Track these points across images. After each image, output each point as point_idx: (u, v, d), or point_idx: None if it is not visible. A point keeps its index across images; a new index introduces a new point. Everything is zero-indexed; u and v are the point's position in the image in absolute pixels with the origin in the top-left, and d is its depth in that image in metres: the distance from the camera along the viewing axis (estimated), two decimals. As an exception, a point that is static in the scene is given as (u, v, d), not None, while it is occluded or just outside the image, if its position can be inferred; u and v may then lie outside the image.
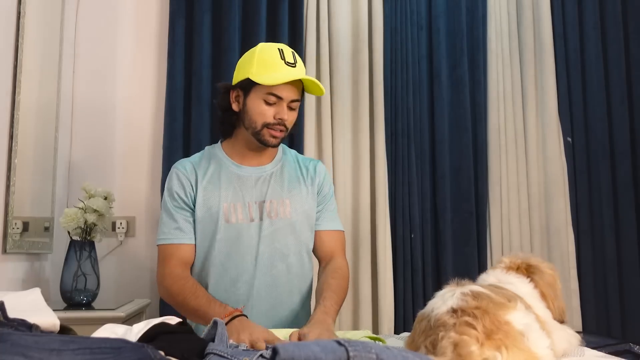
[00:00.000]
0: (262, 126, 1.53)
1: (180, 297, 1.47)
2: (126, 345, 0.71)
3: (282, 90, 1.51)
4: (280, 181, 1.61)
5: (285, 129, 1.56)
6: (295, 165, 1.67)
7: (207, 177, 1.59)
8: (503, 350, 0.82)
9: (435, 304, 0.94)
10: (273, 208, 1.57)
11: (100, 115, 2.44)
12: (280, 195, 1.59)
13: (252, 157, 1.62)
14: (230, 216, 1.55)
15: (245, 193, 1.57)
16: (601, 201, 2.62)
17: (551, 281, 1.06)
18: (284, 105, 1.52)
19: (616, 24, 2.72)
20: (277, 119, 1.52)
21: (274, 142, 1.56)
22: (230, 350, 0.82)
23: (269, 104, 1.52)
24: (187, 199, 1.57)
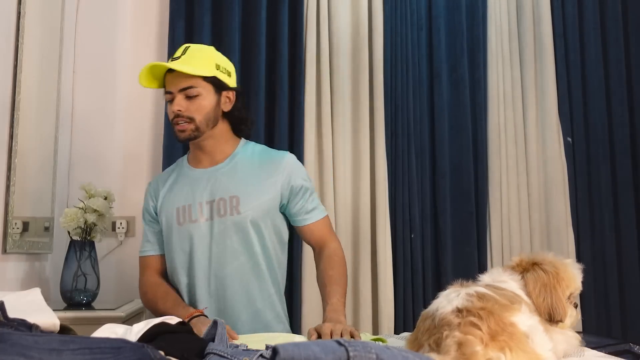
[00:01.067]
0: (172, 125, 1.59)
1: (153, 303, 1.60)
2: (126, 345, 0.71)
3: (169, 85, 1.58)
4: (231, 178, 1.60)
5: (189, 120, 1.55)
6: (253, 159, 1.64)
7: (167, 187, 1.67)
8: (507, 352, 0.82)
9: (440, 304, 0.94)
10: (222, 206, 1.57)
11: (100, 115, 2.44)
12: (230, 192, 1.57)
13: (203, 158, 1.65)
14: (181, 218, 1.59)
15: (197, 194, 1.60)
16: (601, 201, 2.62)
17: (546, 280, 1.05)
18: (176, 97, 1.55)
19: (616, 24, 2.72)
20: (172, 113, 1.56)
21: (183, 136, 1.57)
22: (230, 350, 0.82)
23: (170, 103, 1.57)
24: (151, 212, 1.68)
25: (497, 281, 1.06)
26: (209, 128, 1.59)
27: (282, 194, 1.61)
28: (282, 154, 1.67)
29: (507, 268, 1.11)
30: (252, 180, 1.60)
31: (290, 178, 1.62)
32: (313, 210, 1.65)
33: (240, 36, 2.44)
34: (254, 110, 2.40)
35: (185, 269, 1.60)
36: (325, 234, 1.66)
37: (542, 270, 1.06)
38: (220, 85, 1.60)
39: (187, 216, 1.59)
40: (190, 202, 1.59)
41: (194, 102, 1.56)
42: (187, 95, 1.55)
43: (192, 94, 1.55)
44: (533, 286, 1.04)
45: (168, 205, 1.62)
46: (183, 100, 1.55)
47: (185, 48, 1.59)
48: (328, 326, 1.32)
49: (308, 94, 2.45)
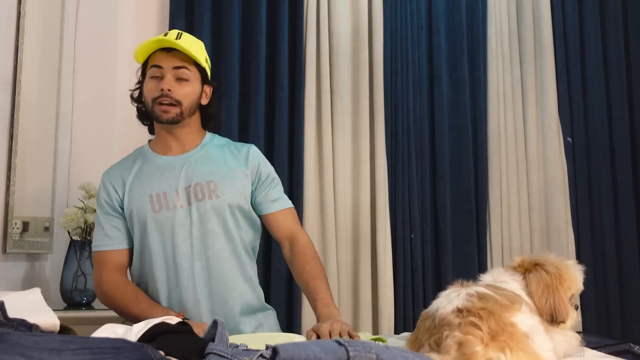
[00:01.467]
0: (152, 102, 1.54)
1: (122, 303, 1.52)
2: (126, 345, 0.71)
3: (161, 60, 1.53)
4: (206, 164, 1.60)
5: (176, 102, 1.53)
6: (224, 149, 1.66)
7: (133, 175, 1.60)
8: (507, 352, 0.82)
9: (440, 304, 0.94)
10: (200, 190, 1.56)
11: (101, 115, 2.44)
12: (207, 177, 1.57)
13: (174, 146, 1.62)
14: (156, 205, 1.55)
15: (171, 181, 1.57)
16: (601, 201, 2.62)
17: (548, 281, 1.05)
18: (167, 75, 1.52)
19: (616, 24, 2.72)
20: (159, 91, 1.52)
21: (167, 117, 1.54)
22: (230, 350, 0.82)
23: (155, 79, 1.54)
24: (113, 204, 1.59)
25: (498, 281, 1.06)
26: (189, 116, 1.59)
27: (252, 182, 1.62)
28: (249, 145, 1.70)
29: (509, 268, 1.11)
30: (226, 167, 1.60)
31: (259, 166, 1.64)
32: (279, 200, 1.65)
33: (240, 36, 2.44)
34: (253, 110, 2.40)
35: (163, 256, 1.55)
36: (292, 225, 1.65)
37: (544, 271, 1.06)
38: (205, 77, 1.62)
39: (163, 203, 1.55)
40: (164, 190, 1.56)
41: (184, 86, 1.55)
42: (178, 77, 1.54)
43: (184, 77, 1.54)
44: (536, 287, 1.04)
45: (138, 195, 1.57)
46: (173, 81, 1.53)
47: (179, 33, 1.57)
48: (326, 327, 1.31)
49: (308, 94, 2.45)
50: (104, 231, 1.58)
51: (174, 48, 1.54)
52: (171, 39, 1.54)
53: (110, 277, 1.55)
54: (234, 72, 2.40)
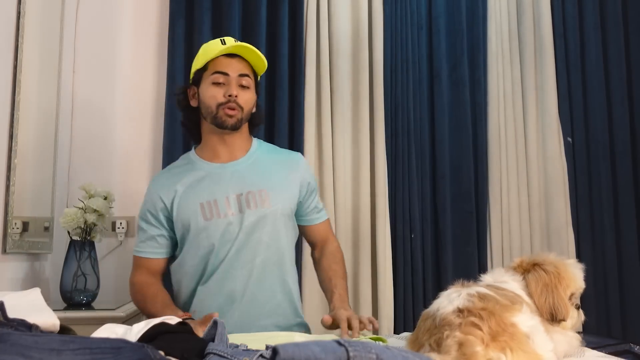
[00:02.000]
0: (216, 108, 1.56)
1: (142, 303, 1.60)
2: (126, 345, 0.71)
3: (226, 67, 1.57)
4: (257, 172, 1.62)
5: (239, 108, 1.57)
6: (272, 157, 1.69)
7: (183, 182, 1.61)
8: (508, 352, 0.82)
9: (441, 304, 0.94)
10: (252, 199, 1.58)
11: (100, 115, 2.44)
12: (258, 185, 1.59)
13: (223, 153, 1.64)
14: (207, 213, 1.57)
15: (221, 188, 1.59)
16: (601, 201, 2.62)
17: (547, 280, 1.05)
18: (232, 82, 1.56)
19: (616, 24, 2.72)
20: (227, 97, 1.55)
21: (231, 122, 1.57)
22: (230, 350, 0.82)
23: (218, 85, 1.57)
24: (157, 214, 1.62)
25: (498, 281, 1.06)
26: (244, 122, 1.63)
27: (300, 191, 1.66)
28: (295, 153, 1.76)
29: (509, 269, 1.11)
30: (277, 176, 1.63)
31: (307, 177, 1.69)
32: (322, 210, 1.75)
33: (240, 36, 2.44)
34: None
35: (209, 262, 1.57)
36: (329, 233, 1.76)
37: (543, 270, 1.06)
38: (257, 87, 1.67)
39: (215, 211, 1.56)
40: (215, 197, 1.57)
41: (246, 93, 1.59)
42: (241, 84, 1.58)
43: (246, 84, 1.59)
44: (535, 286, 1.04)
45: (188, 203, 1.58)
46: (237, 87, 1.57)
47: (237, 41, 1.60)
48: (343, 312, 1.38)
49: (308, 94, 2.45)
50: (147, 237, 1.63)
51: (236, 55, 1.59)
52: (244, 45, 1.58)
53: (140, 278, 1.62)
54: (234, 72, 2.40)
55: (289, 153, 1.74)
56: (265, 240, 1.58)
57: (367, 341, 0.75)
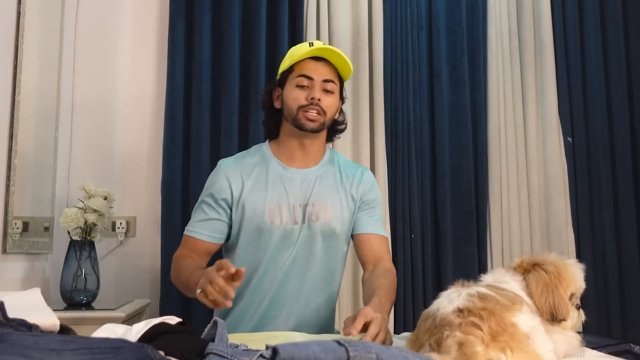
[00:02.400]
0: (297, 110, 1.55)
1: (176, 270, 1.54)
2: (126, 345, 0.71)
3: (311, 71, 1.54)
4: (325, 185, 1.60)
5: (321, 112, 1.55)
6: (340, 171, 1.66)
7: (253, 177, 1.59)
8: (508, 352, 0.82)
9: (441, 303, 0.94)
10: (314, 211, 1.56)
11: (100, 115, 2.44)
12: (324, 199, 1.58)
13: (298, 157, 1.62)
14: (275, 218, 1.54)
15: (290, 195, 1.57)
16: (601, 201, 2.62)
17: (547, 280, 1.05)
18: (316, 86, 1.54)
19: (616, 24, 2.72)
20: (309, 99, 1.53)
21: (312, 126, 1.55)
22: (230, 350, 0.82)
23: (302, 88, 1.55)
24: (222, 196, 1.57)
25: (498, 281, 1.06)
26: (325, 128, 1.61)
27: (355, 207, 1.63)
28: (362, 169, 1.70)
29: (509, 269, 1.11)
30: (341, 191, 1.61)
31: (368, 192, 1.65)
32: (378, 225, 1.64)
33: (240, 36, 2.44)
34: (253, 110, 2.40)
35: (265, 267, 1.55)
36: (384, 253, 1.61)
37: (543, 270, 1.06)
38: (342, 92, 1.64)
39: (280, 217, 1.55)
40: (283, 202, 1.56)
41: (329, 98, 1.57)
42: (325, 89, 1.56)
43: (330, 89, 1.57)
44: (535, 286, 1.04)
45: (256, 202, 1.55)
46: (321, 92, 1.55)
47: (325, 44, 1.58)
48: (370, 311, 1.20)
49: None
50: (200, 219, 1.59)
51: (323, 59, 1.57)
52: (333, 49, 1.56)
53: (183, 252, 1.57)
54: (234, 72, 2.40)
55: (355, 168, 1.69)
56: (320, 254, 1.57)
57: (368, 342, 0.75)
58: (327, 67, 1.57)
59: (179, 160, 2.36)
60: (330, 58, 1.57)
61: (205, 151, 2.37)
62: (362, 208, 1.64)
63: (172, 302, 2.26)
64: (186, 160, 2.38)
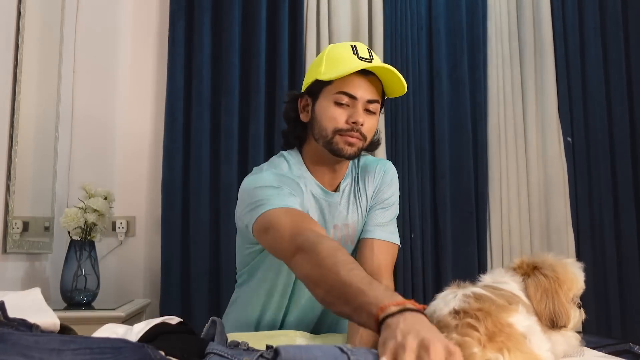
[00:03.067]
0: (333, 133, 1.30)
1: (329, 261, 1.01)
2: (126, 345, 0.71)
3: (356, 88, 1.28)
4: (345, 204, 1.41)
5: (362, 137, 1.31)
6: (359, 178, 1.45)
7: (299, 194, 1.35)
8: (505, 353, 0.82)
9: (437, 306, 0.93)
10: (339, 232, 1.39)
11: (101, 115, 2.44)
12: (344, 219, 1.40)
13: (328, 180, 1.40)
14: None
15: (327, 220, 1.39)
16: (601, 201, 2.62)
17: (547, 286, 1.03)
18: (359, 107, 1.29)
19: (616, 24, 2.72)
20: (350, 123, 1.28)
21: (350, 152, 1.31)
22: (231, 350, 0.82)
23: (340, 106, 1.29)
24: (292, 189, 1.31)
25: (497, 282, 1.05)
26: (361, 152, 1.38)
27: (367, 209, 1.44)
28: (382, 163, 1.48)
29: (509, 269, 1.10)
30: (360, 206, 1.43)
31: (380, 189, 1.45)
32: (388, 226, 1.42)
33: (240, 36, 2.44)
34: (253, 110, 2.40)
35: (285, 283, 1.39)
36: (385, 264, 1.38)
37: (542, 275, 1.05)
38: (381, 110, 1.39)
39: None
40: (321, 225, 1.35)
41: (371, 120, 1.32)
42: (368, 110, 1.31)
43: (373, 110, 1.32)
44: (534, 292, 1.03)
45: None
46: (364, 113, 1.30)
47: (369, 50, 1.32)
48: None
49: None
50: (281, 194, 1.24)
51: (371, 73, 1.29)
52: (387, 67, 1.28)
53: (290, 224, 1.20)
54: (234, 72, 2.40)
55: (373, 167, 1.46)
56: None
57: (371, 350, 0.75)
58: (374, 82, 1.31)
59: (179, 160, 2.36)
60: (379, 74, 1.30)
61: (205, 151, 2.37)
62: (374, 207, 1.44)
63: (172, 302, 2.26)
64: (186, 160, 2.38)
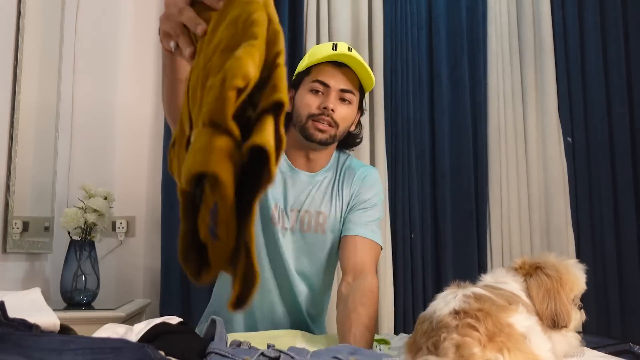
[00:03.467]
0: (307, 118, 1.40)
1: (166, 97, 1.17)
2: (126, 345, 0.71)
3: (329, 77, 1.39)
4: (321, 192, 1.47)
5: (333, 123, 1.39)
6: (342, 175, 1.51)
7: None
8: (505, 353, 0.82)
9: (437, 306, 0.93)
10: (307, 219, 1.44)
11: (101, 115, 2.44)
12: (317, 206, 1.45)
13: (303, 164, 1.48)
14: (275, 217, 1.43)
15: (289, 198, 1.45)
16: (601, 201, 2.62)
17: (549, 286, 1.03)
18: (332, 94, 1.39)
19: (616, 24, 2.72)
20: (321, 109, 1.38)
21: (320, 137, 1.39)
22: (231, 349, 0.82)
23: (315, 94, 1.40)
24: None
25: (498, 282, 1.05)
26: (337, 141, 1.47)
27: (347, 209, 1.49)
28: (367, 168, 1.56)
29: (510, 269, 1.10)
30: (338, 199, 1.48)
31: (360, 191, 1.49)
32: (367, 225, 1.46)
33: (240, 36, 2.44)
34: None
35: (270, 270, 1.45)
36: (368, 262, 1.41)
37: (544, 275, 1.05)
38: (361, 104, 1.49)
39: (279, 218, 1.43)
40: (283, 204, 1.44)
41: (345, 108, 1.41)
42: (343, 98, 1.41)
43: (348, 99, 1.41)
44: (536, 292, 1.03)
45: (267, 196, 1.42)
46: (337, 101, 1.40)
47: (350, 48, 1.43)
48: None
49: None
50: None
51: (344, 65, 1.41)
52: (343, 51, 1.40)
53: None
54: (234, 72, 2.40)
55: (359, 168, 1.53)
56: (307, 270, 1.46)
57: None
58: (348, 74, 1.41)
59: (179, 160, 2.36)
60: (352, 65, 1.41)
61: (205, 151, 2.37)
62: (355, 208, 1.48)
63: (172, 302, 2.26)
64: (186, 160, 2.38)
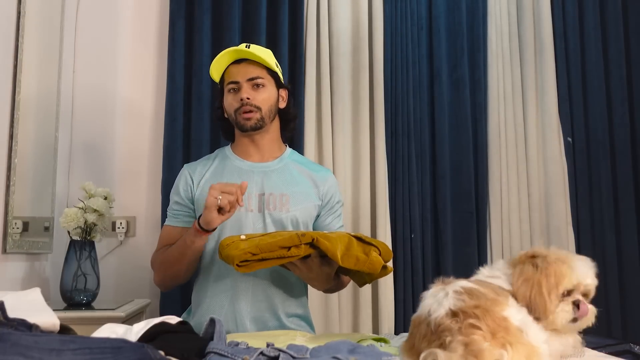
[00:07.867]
0: (234, 114, 1.64)
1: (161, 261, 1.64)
2: (126, 345, 0.71)
3: (235, 75, 1.64)
4: (282, 177, 1.66)
5: (255, 108, 1.62)
6: (301, 167, 1.72)
7: (210, 171, 1.68)
8: (508, 348, 0.82)
9: (430, 306, 0.91)
10: (272, 201, 1.62)
11: (101, 115, 2.44)
12: (281, 189, 1.63)
13: (254, 153, 1.70)
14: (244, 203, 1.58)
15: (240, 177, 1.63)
16: (601, 201, 2.62)
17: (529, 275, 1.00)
18: (243, 87, 1.62)
19: (616, 24, 2.72)
20: (239, 102, 1.62)
21: (250, 124, 1.63)
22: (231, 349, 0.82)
23: (232, 92, 1.65)
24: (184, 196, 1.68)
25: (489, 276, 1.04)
26: (270, 121, 1.67)
27: (320, 206, 1.69)
28: (326, 170, 1.80)
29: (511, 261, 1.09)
30: (301, 185, 1.67)
31: (331, 194, 1.71)
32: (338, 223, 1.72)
33: (240, 36, 2.44)
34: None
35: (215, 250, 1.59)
36: None
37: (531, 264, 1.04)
38: (279, 81, 1.71)
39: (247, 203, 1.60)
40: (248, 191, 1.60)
41: (261, 92, 1.64)
42: (254, 84, 1.63)
43: (259, 83, 1.64)
44: (516, 280, 1.02)
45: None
46: (250, 89, 1.62)
47: (247, 45, 1.66)
48: None
49: (308, 94, 2.45)
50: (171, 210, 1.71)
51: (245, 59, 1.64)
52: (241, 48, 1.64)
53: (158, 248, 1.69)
54: (234, 72, 2.40)
55: (319, 168, 1.78)
56: None
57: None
58: (250, 65, 1.64)
59: (179, 160, 2.36)
60: (249, 56, 1.64)
61: (205, 151, 2.37)
62: (324, 212, 1.69)
63: (172, 302, 2.26)
64: (186, 160, 2.37)
